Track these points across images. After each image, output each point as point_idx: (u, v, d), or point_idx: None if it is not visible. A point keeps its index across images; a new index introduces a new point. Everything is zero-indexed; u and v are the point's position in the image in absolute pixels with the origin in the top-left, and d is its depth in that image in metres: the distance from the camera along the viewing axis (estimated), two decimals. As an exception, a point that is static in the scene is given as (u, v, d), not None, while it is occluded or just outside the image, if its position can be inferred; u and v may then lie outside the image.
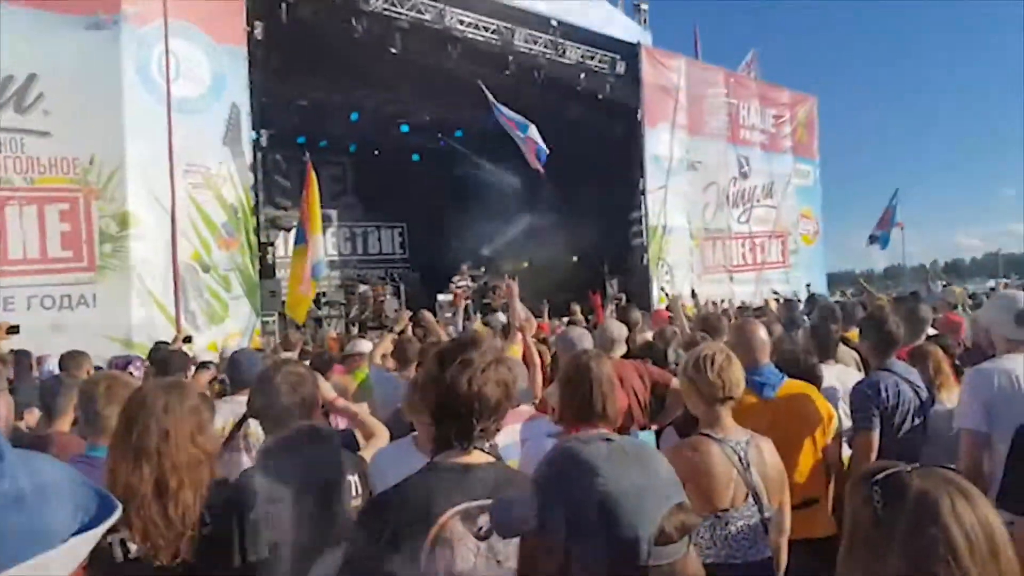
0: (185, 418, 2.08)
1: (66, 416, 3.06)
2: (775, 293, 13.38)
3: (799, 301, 10.48)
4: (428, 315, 5.36)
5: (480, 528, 1.49)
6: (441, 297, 14.66)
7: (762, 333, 3.35)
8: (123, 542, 2.05)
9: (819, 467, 3.12)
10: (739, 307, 7.89)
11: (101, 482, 2.23)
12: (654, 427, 4.12)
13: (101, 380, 2.54)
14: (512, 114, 12.74)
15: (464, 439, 1.63)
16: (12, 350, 5.10)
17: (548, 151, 12.76)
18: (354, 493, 2.21)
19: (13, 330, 3.51)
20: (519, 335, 4.26)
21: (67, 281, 9.16)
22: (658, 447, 3.36)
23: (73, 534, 0.63)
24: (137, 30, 9.66)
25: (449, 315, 11.94)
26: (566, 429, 2.54)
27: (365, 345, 5.76)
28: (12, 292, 8.71)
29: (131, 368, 5.60)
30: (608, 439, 1.02)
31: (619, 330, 4.47)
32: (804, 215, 21.21)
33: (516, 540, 1.52)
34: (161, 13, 9.75)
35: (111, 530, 1.98)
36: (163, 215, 9.76)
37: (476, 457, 1.64)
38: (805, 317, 7.29)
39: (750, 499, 2.36)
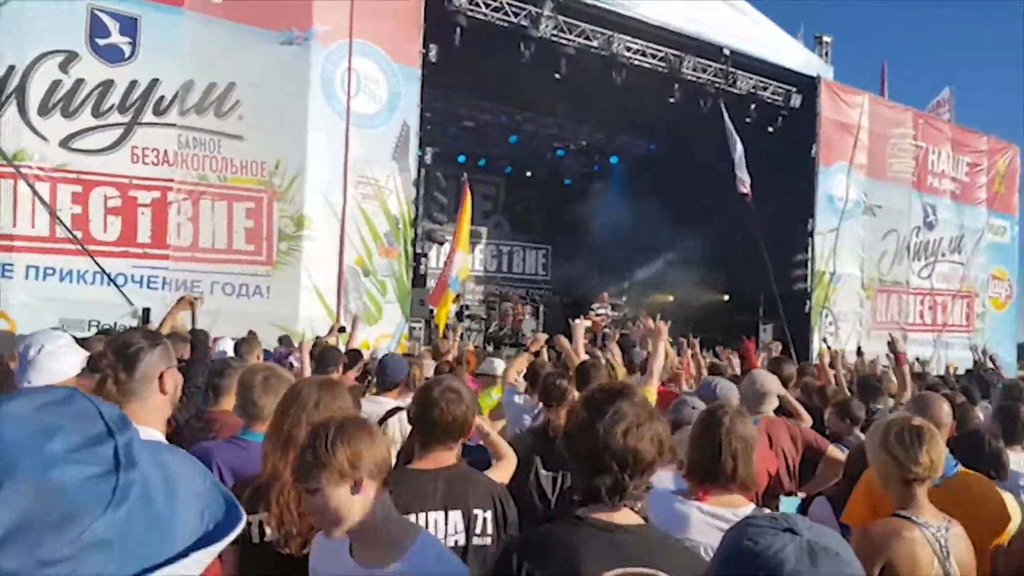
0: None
1: (229, 397, 3.27)
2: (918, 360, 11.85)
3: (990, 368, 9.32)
4: (564, 340, 5.28)
5: None
6: (575, 322, 14.54)
7: (946, 410, 2.95)
8: (260, 524, 2.16)
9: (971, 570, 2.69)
10: (917, 373, 7.07)
11: (249, 463, 2.39)
12: (801, 494, 3.76)
13: (259, 371, 2.71)
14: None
15: (616, 495, 1.53)
16: (192, 329, 5.60)
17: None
18: (479, 529, 2.16)
19: (198, 301, 4.00)
20: (656, 378, 4.01)
21: (247, 272, 10.04)
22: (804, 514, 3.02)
23: (199, 538, 0.60)
24: (325, 47, 10.47)
25: (586, 341, 11.79)
26: (691, 489, 2.34)
27: (499, 366, 5.79)
28: (200, 276, 9.66)
29: (291, 359, 6.00)
30: (793, 531, 0.88)
31: (770, 383, 4.10)
32: (996, 276, 18.98)
33: None
34: (347, 32, 10.52)
35: (251, 511, 2.12)
36: (334, 220, 10.47)
37: (625, 516, 1.54)
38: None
39: None
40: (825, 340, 13.24)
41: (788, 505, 3.67)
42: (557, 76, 12.77)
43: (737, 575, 0.89)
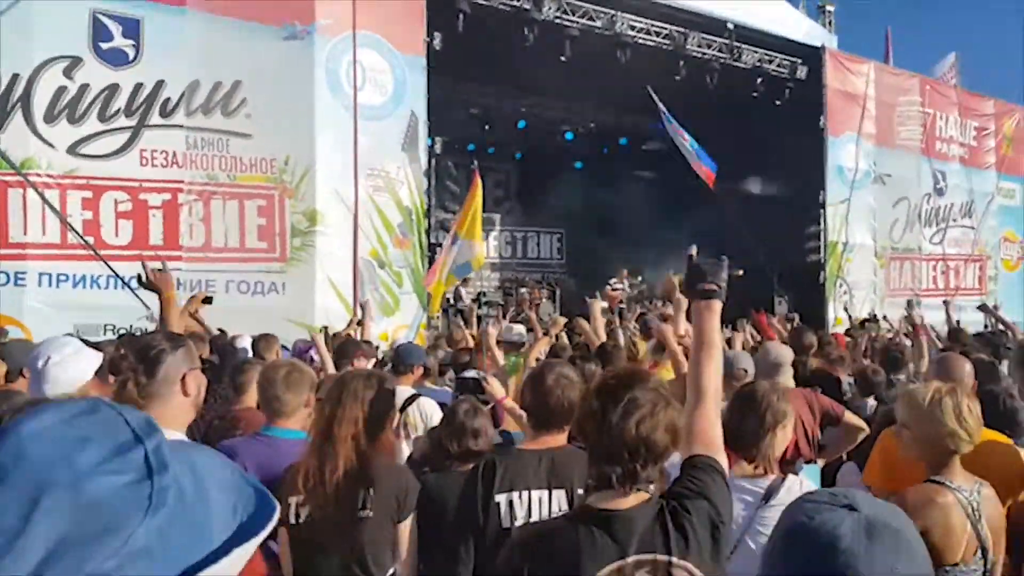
0: (375, 406, 2.34)
1: (250, 393, 3.31)
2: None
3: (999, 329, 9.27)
4: (583, 323, 5.31)
5: None
6: (592, 301, 14.56)
7: (968, 370, 2.97)
8: (297, 506, 2.26)
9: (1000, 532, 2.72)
10: (954, 330, 7.10)
11: (275, 458, 2.44)
12: (820, 461, 3.79)
13: (282, 367, 2.73)
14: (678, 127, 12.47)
15: (627, 483, 1.52)
16: (215, 337, 5.67)
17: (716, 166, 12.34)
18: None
19: (207, 300, 3.84)
20: (674, 356, 3.94)
21: (261, 270, 10.07)
22: (832, 484, 3.06)
23: (234, 533, 0.60)
24: (328, 41, 10.43)
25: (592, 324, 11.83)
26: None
27: (520, 331, 5.83)
28: (214, 276, 9.70)
29: (311, 352, 6.04)
30: (851, 507, 0.87)
31: (783, 354, 4.14)
32: (1007, 238, 18.86)
33: None
34: (350, 24, 10.46)
35: (292, 493, 2.21)
36: (346, 214, 10.48)
37: (633, 499, 1.53)
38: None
39: (978, 553, 2.12)
40: (846, 309, 13.19)
41: (808, 473, 3.71)
42: (562, 58, 12.70)
43: (794, 551, 0.89)
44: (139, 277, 3.29)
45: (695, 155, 12.75)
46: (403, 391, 3.94)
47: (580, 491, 2.10)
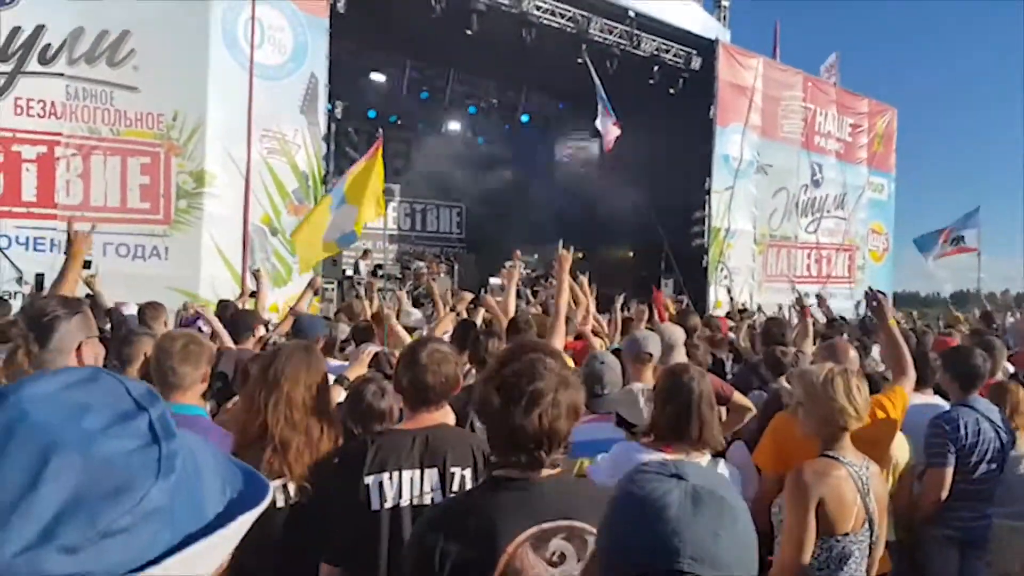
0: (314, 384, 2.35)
1: (136, 365, 3.16)
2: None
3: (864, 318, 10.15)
4: (491, 300, 5.39)
5: (553, 553, 1.44)
6: (493, 280, 14.74)
7: (853, 354, 3.25)
8: (284, 487, 2.24)
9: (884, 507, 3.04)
10: (831, 319, 7.69)
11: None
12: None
13: (179, 338, 2.62)
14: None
15: (533, 469, 1.51)
16: (110, 308, 5.34)
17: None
18: (456, 486, 2.18)
19: (86, 265, 3.55)
20: (562, 316, 4.00)
21: (143, 232, 9.53)
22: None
23: (220, 514, 0.60)
24: (226, -6, 9.90)
25: (499, 298, 11.98)
26: (657, 447, 2.45)
27: (416, 316, 5.81)
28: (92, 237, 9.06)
29: (199, 324, 5.79)
30: (680, 476, 0.91)
31: (676, 335, 4.35)
32: (875, 230, 20.49)
33: None
34: (250, -22, 9.98)
35: (277, 476, 2.17)
36: (238, 176, 10.04)
37: (544, 472, 1.53)
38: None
39: (866, 525, 2.32)
40: (729, 291, 13.99)
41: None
42: (468, 32, 12.61)
43: (624, 519, 0.92)
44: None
45: (605, 120, 13.13)
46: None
47: (453, 469, 2.11)
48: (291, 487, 2.23)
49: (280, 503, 2.21)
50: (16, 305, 6.94)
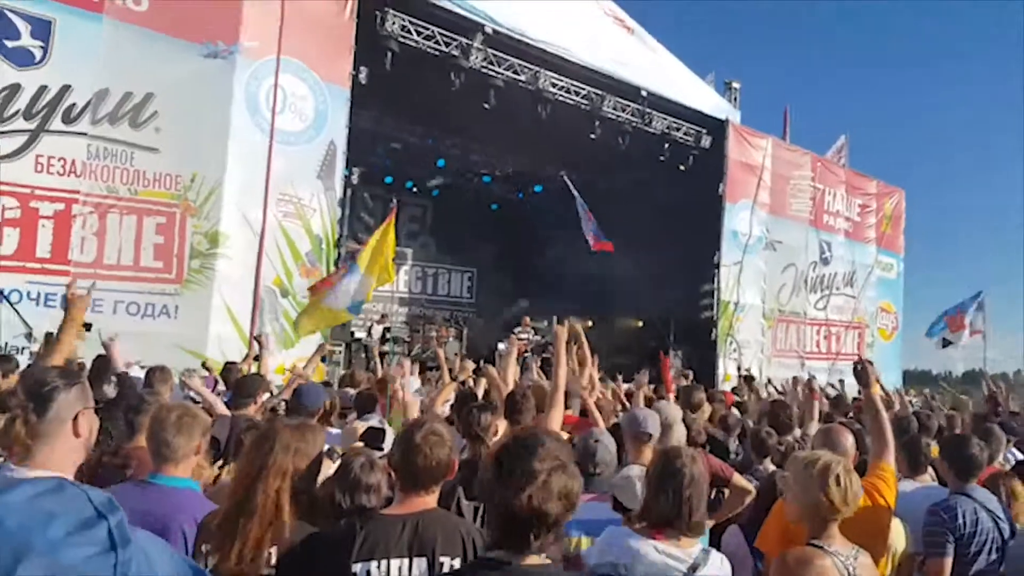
0: (292, 460, 2.30)
1: (144, 432, 3.17)
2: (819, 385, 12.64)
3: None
4: (492, 370, 5.34)
5: None
6: (501, 346, 14.70)
7: (851, 442, 3.21)
8: (206, 554, 2.21)
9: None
10: (836, 397, 7.58)
11: (157, 507, 2.35)
12: (709, 522, 3.94)
13: (174, 409, 2.62)
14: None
15: (517, 550, 1.56)
16: (100, 355, 5.35)
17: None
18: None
19: (86, 327, 3.54)
20: (560, 388, 3.88)
21: (154, 291, 9.57)
22: (717, 545, 3.20)
23: None
24: (251, 63, 10.26)
25: (502, 369, 11.91)
26: (648, 533, 2.42)
27: (414, 385, 5.77)
28: (102, 295, 9.11)
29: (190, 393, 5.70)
30: None
31: (673, 414, 4.31)
32: (884, 308, 20.48)
33: None
34: (275, 49, 10.35)
35: (206, 540, 2.11)
36: (252, 238, 10.18)
37: (533, 559, 1.57)
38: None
39: None
40: (739, 367, 13.89)
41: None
42: (486, 106, 12.99)
43: None
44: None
45: (589, 229, 13.55)
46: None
47: (442, 559, 2.09)
48: (211, 558, 2.19)
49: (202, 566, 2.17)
50: (23, 361, 6.96)
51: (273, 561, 2.18)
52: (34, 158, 8.95)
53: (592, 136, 14.39)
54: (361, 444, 3.09)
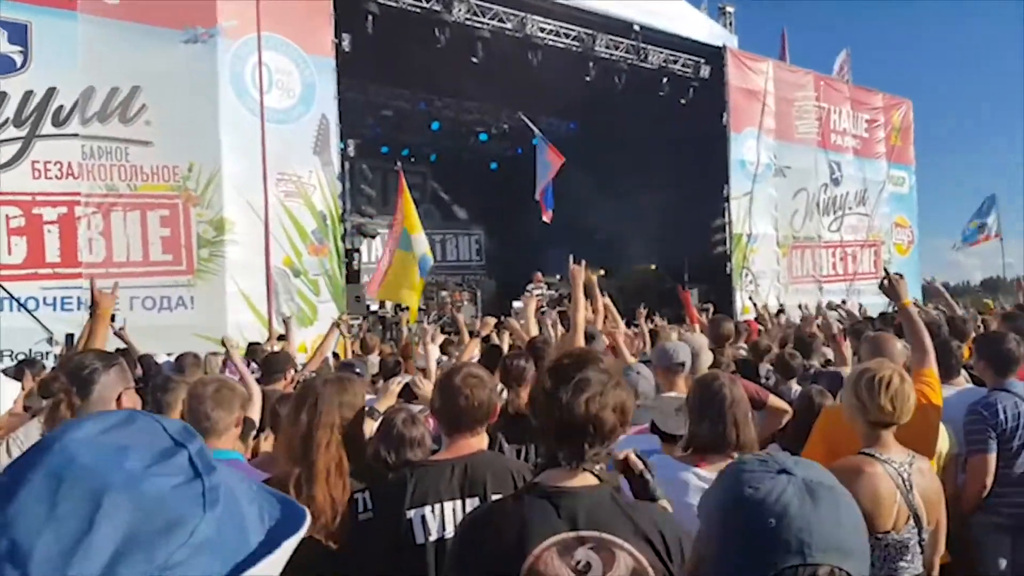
0: (347, 412, 2.30)
1: (175, 412, 3.17)
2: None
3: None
4: (514, 323, 5.33)
5: (578, 563, 1.46)
6: (516, 304, 14.68)
7: (900, 348, 3.16)
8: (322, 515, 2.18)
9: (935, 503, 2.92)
10: (869, 317, 7.56)
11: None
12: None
13: (211, 383, 2.61)
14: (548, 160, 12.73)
15: (574, 461, 1.55)
16: (142, 356, 5.40)
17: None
18: None
19: (112, 319, 3.58)
20: (580, 331, 3.89)
21: (167, 284, 9.60)
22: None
23: (263, 542, 0.61)
24: (232, 43, 10.06)
25: (522, 321, 11.92)
26: (694, 460, 2.40)
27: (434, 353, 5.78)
28: (116, 293, 9.15)
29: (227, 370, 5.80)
30: (787, 471, 0.91)
31: (701, 341, 4.34)
32: (899, 224, 20.21)
33: None
34: (255, 26, 10.13)
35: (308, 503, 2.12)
36: (257, 221, 10.13)
37: (581, 479, 1.55)
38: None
39: (911, 521, 2.24)
40: (751, 298, 13.78)
41: (737, 456, 3.86)
42: (474, 60, 12.72)
43: (745, 523, 0.89)
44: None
45: (544, 192, 13.29)
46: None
47: (495, 496, 2.07)
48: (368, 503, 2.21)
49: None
50: (49, 365, 7.01)
51: (370, 505, 2.20)
52: (30, 165, 8.89)
53: (587, 79, 14.07)
54: (400, 400, 3.09)
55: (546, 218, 13.51)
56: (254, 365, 5.18)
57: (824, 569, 0.85)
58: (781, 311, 11.68)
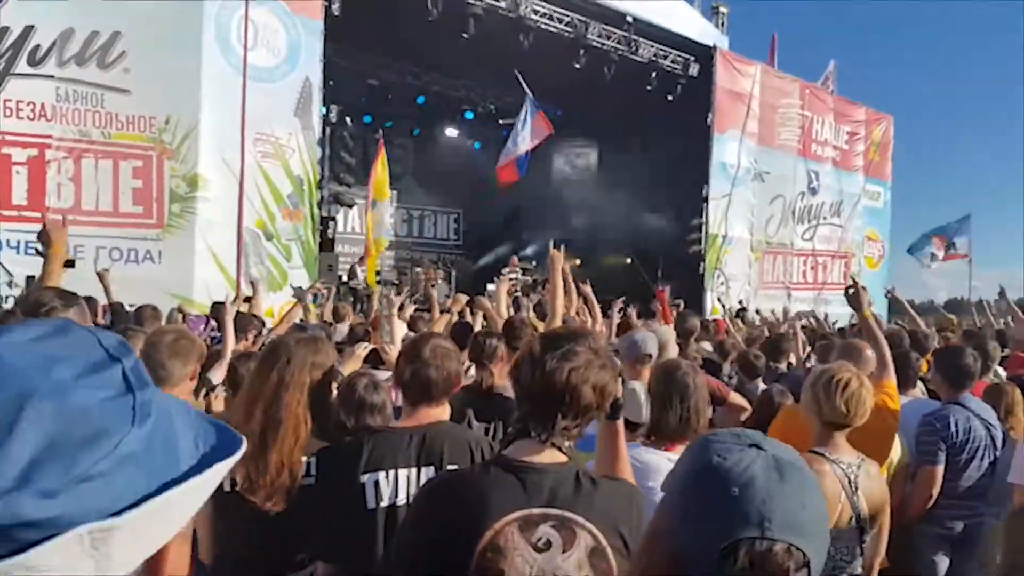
0: (316, 373, 2.30)
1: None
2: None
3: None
4: (485, 301, 5.32)
5: (539, 539, 1.46)
6: (491, 287, 14.66)
7: (869, 354, 3.22)
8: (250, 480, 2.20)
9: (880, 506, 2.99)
10: (841, 328, 7.75)
11: None
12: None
13: (169, 332, 2.57)
14: (529, 125, 12.67)
15: (543, 431, 1.53)
16: (114, 303, 5.29)
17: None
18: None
19: (69, 264, 3.40)
20: (558, 317, 3.92)
21: (136, 236, 9.43)
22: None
23: (194, 466, 0.60)
24: (219, -6, 9.82)
25: (494, 303, 11.88)
26: (661, 446, 2.44)
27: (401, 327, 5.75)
28: (83, 242, 8.95)
29: (201, 327, 5.73)
30: (758, 446, 0.90)
31: (668, 334, 4.38)
32: (870, 237, 20.52)
33: (576, 555, 1.47)
34: (243, -21, 9.91)
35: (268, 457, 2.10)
36: (232, 180, 9.96)
37: (548, 456, 1.54)
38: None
39: (853, 522, 2.30)
40: (720, 299, 13.93)
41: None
42: (465, 36, 12.57)
43: (707, 490, 0.88)
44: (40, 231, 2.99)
45: (518, 142, 13.17)
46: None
47: (450, 467, 2.08)
48: (236, 475, 2.19)
49: (226, 487, 2.18)
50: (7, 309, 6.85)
51: (313, 471, 2.20)
52: (2, 103, 8.65)
53: (577, 66, 14.00)
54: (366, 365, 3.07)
55: (508, 179, 13.40)
56: (213, 323, 5.11)
57: (781, 546, 0.83)
58: (743, 310, 11.84)
